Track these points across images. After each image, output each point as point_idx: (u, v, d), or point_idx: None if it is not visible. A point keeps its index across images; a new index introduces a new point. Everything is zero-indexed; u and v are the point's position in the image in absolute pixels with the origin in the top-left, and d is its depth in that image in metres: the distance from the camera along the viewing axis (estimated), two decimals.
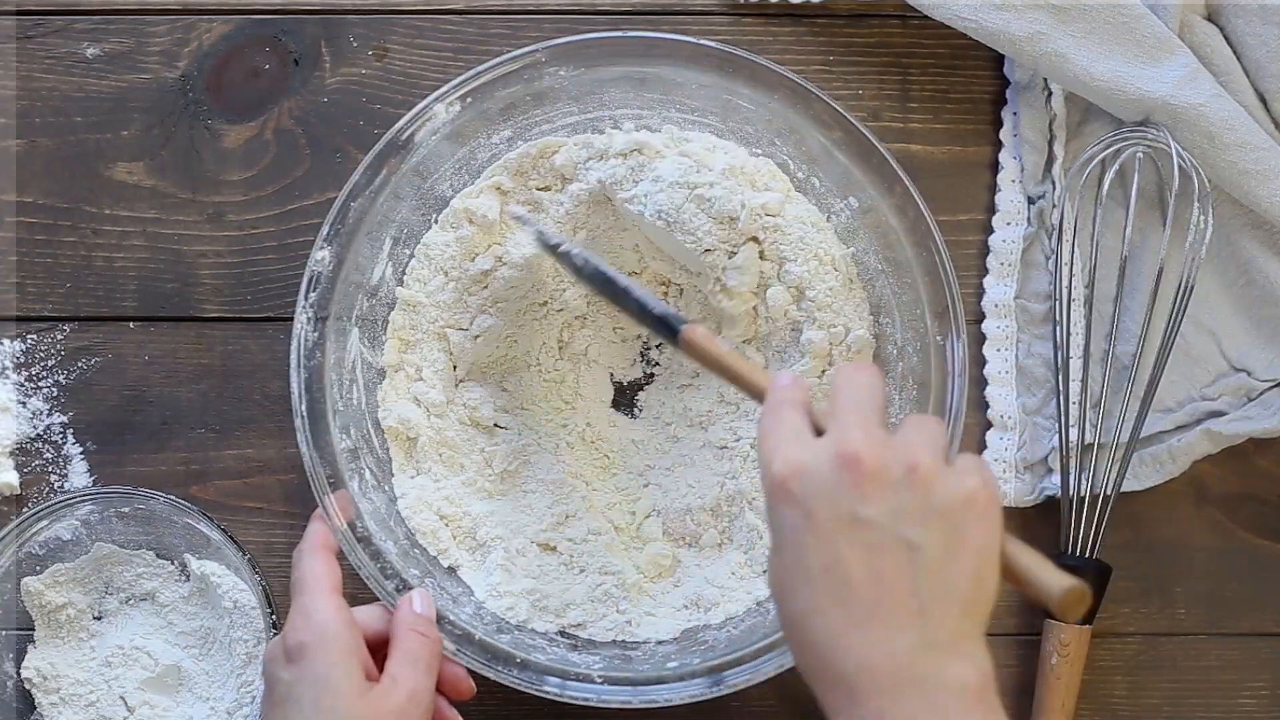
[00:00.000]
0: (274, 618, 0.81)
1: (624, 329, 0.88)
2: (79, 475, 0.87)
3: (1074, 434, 0.84)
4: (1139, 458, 0.85)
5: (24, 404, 0.87)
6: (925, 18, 0.86)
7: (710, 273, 0.82)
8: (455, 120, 0.81)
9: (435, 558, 0.82)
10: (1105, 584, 0.84)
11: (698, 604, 0.82)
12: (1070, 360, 0.85)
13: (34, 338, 0.87)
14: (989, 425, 0.87)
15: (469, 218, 0.83)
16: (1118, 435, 0.84)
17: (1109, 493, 0.84)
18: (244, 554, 0.81)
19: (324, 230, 0.80)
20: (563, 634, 0.81)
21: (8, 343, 0.87)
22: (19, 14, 0.88)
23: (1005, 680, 0.87)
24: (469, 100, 0.81)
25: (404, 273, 0.84)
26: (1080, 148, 0.87)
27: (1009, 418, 0.86)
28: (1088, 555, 0.83)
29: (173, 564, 0.87)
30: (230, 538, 0.82)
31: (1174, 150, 0.82)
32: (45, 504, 0.83)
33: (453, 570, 0.83)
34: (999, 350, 0.87)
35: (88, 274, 0.88)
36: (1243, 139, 0.82)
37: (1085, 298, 0.85)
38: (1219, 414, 0.85)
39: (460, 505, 0.83)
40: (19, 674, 0.85)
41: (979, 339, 0.87)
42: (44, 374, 0.87)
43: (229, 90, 0.88)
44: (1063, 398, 0.84)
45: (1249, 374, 0.85)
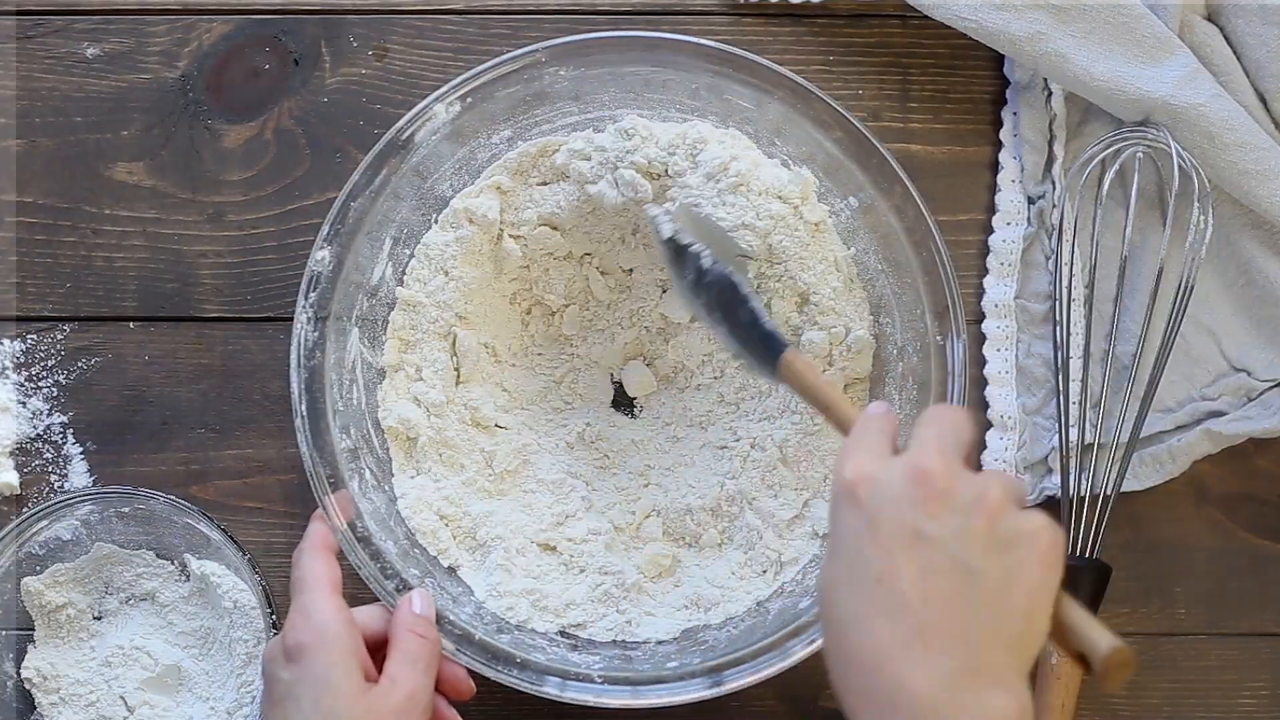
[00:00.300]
0: (274, 618, 0.81)
1: (623, 329, 0.88)
2: (79, 475, 0.87)
3: (1074, 434, 0.84)
4: (1139, 458, 0.85)
5: (24, 404, 0.87)
6: (925, 18, 0.86)
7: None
8: (455, 120, 0.81)
9: (435, 558, 0.82)
10: (1105, 584, 0.84)
11: (698, 604, 0.82)
12: (1070, 360, 0.85)
13: (34, 338, 0.87)
14: (989, 425, 0.87)
15: (469, 218, 0.83)
16: (1118, 435, 0.84)
17: (1109, 493, 0.83)
18: (244, 554, 0.81)
19: (324, 230, 0.80)
20: (563, 634, 0.81)
21: (8, 343, 0.87)
22: (19, 14, 0.88)
23: None
24: (469, 100, 0.81)
25: (404, 273, 0.84)
26: (1080, 148, 0.87)
27: (1009, 418, 0.86)
28: (1088, 555, 0.83)
29: (173, 564, 0.87)
30: (230, 538, 0.82)
31: (1174, 150, 0.82)
32: (45, 504, 0.83)
33: (453, 570, 0.83)
34: (999, 350, 0.87)
35: (88, 274, 0.88)
36: (1243, 139, 0.82)
37: (1085, 298, 0.85)
38: (1219, 414, 0.85)
39: (460, 505, 0.83)
40: (19, 674, 0.85)
41: (979, 339, 0.87)
42: (44, 374, 0.87)
43: (229, 90, 0.88)
44: (1063, 398, 0.84)
45: (1249, 374, 0.85)
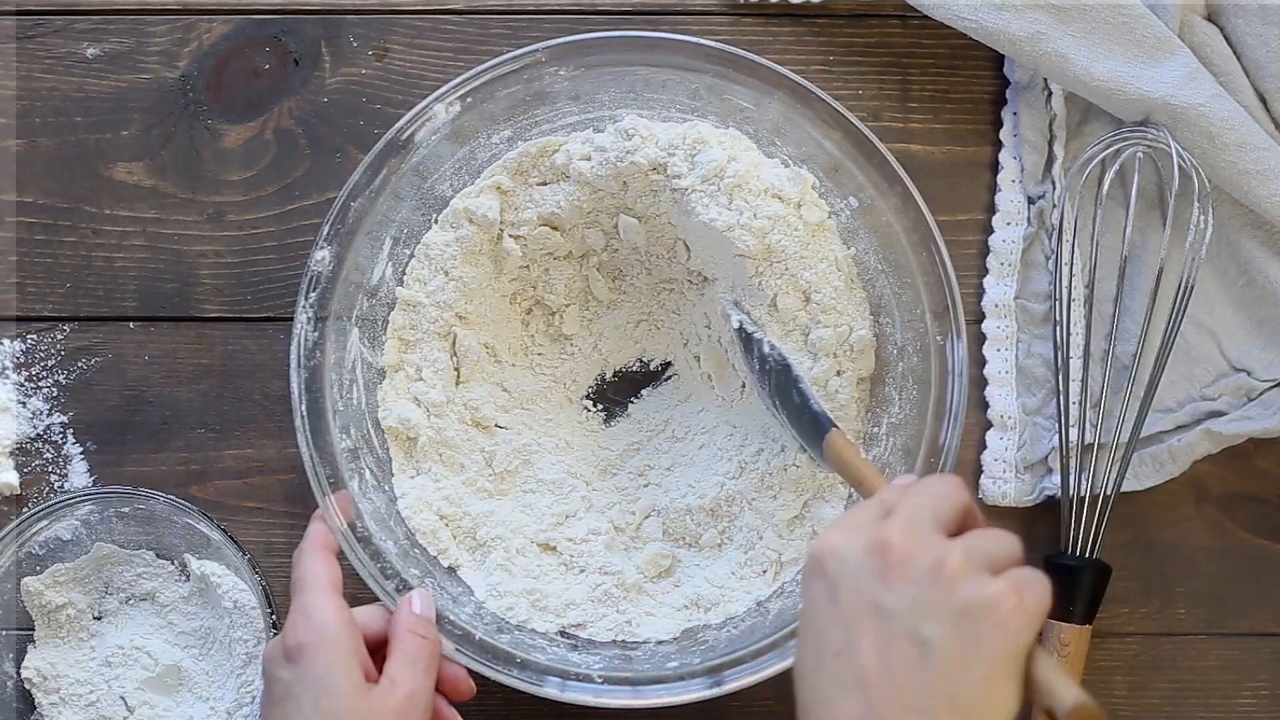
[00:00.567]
0: (274, 618, 0.81)
1: (622, 329, 0.88)
2: (79, 475, 0.87)
3: (1074, 434, 0.84)
4: (1139, 458, 0.85)
5: (24, 404, 0.87)
6: (925, 18, 0.86)
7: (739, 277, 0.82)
8: (455, 120, 0.81)
9: (435, 558, 0.82)
10: (1105, 584, 0.84)
11: (698, 604, 0.82)
12: (1070, 360, 0.85)
13: (34, 338, 0.87)
14: (989, 425, 0.87)
15: (469, 218, 0.83)
16: (1118, 435, 0.84)
17: (1109, 493, 0.83)
18: (244, 554, 0.81)
19: (324, 230, 0.80)
20: (563, 634, 0.81)
21: (8, 343, 0.87)
22: (19, 14, 0.88)
23: None
24: (469, 100, 0.81)
25: (404, 273, 0.84)
26: (1080, 148, 0.87)
27: (1009, 418, 0.86)
28: (1088, 555, 0.83)
29: (173, 564, 0.87)
30: (230, 538, 0.82)
31: (1174, 150, 0.82)
32: (45, 504, 0.83)
33: (453, 570, 0.83)
34: (999, 350, 0.87)
35: (88, 274, 0.88)
36: (1243, 139, 0.82)
37: (1085, 298, 0.85)
38: (1219, 414, 0.85)
39: (460, 505, 0.83)
40: (19, 674, 0.85)
41: (979, 339, 0.87)
42: (44, 374, 0.87)
43: (229, 90, 0.88)
44: (1063, 398, 0.84)
45: (1249, 374, 0.85)
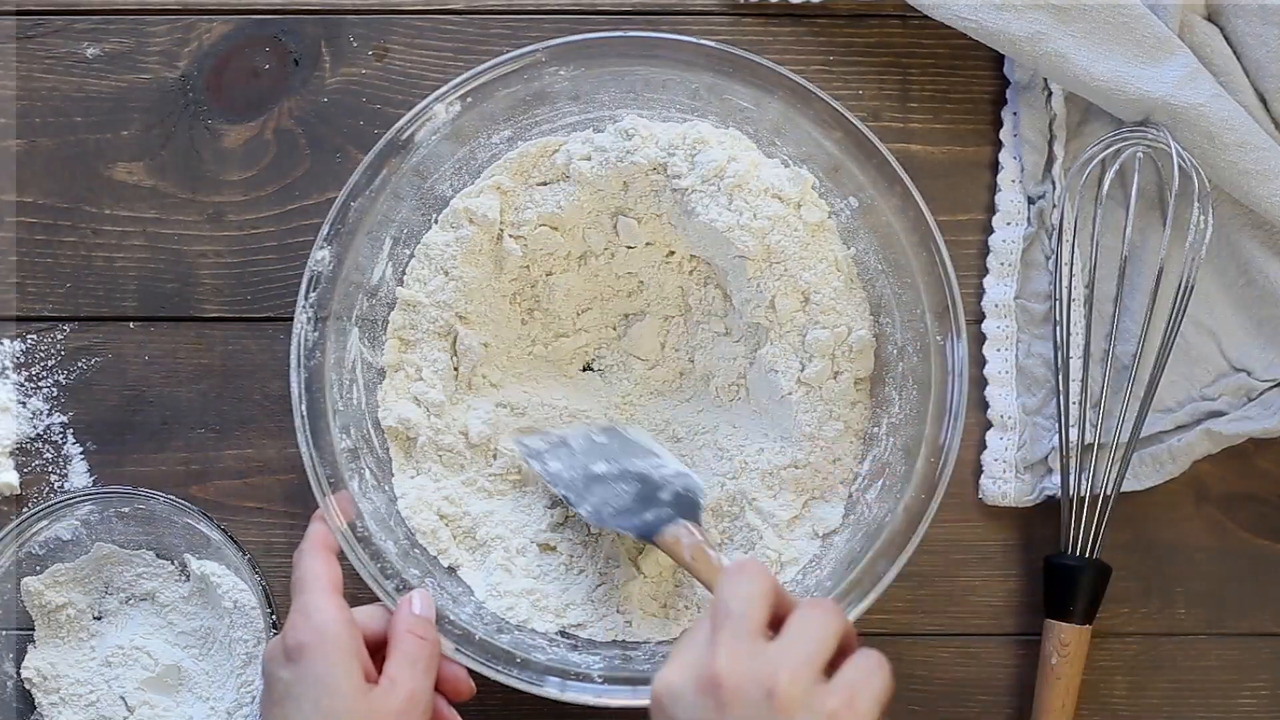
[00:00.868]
0: (274, 618, 0.81)
1: (623, 329, 0.88)
2: (79, 475, 0.87)
3: (1074, 434, 0.84)
4: (1139, 458, 0.85)
5: (24, 404, 0.87)
6: (925, 18, 0.86)
7: (738, 277, 0.82)
8: (455, 120, 0.81)
9: (435, 558, 0.82)
10: (1105, 584, 0.84)
11: (697, 604, 0.82)
12: (1070, 360, 0.85)
13: (34, 338, 0.87)
14: (989, 425, 0.87)
15: (469, 218, 0.83)
16: (1118, 435, 0.84)
17: (1109, 493, 0.83)
18: (244, 554, 0.81)
19: (324, 230, 0.80)
20: (563, 634, 0.81)
21: (8, 343, 0.87)
22: (19, 14, 0.88)
23: (1005, 680, 0.87)
24: (469, 100, 0.81)
25: (404, 273, 0.84)
26: (1080, 148, 0.87)
27: (1009, 418, 0.86)
28: (1088, 555, 0.83)
29: (173, 564, 0.87)
30: (230, 538, 0.82)
31: (1174, 150, 0.82)
32: (45, 504, 0.83)
33: (453, 570, 0.83)
34: (999, 350, 0.87)
35: (88, 274, 0.88)
36: (1243, 139, 0.82)
37: (1085, 298, 0.85)
38: (1219, 414, 0.85)
39: (460, 505, 0.83)
40: (19, 674, 0.85)
41: (979, 339, 0.87)
42: (44, 374, 0.87)
43: (229, 90, 0.88)
44: (1063, 398, 0.84)
45: (1249, 374, 0.85)
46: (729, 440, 0.85)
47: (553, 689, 0.77)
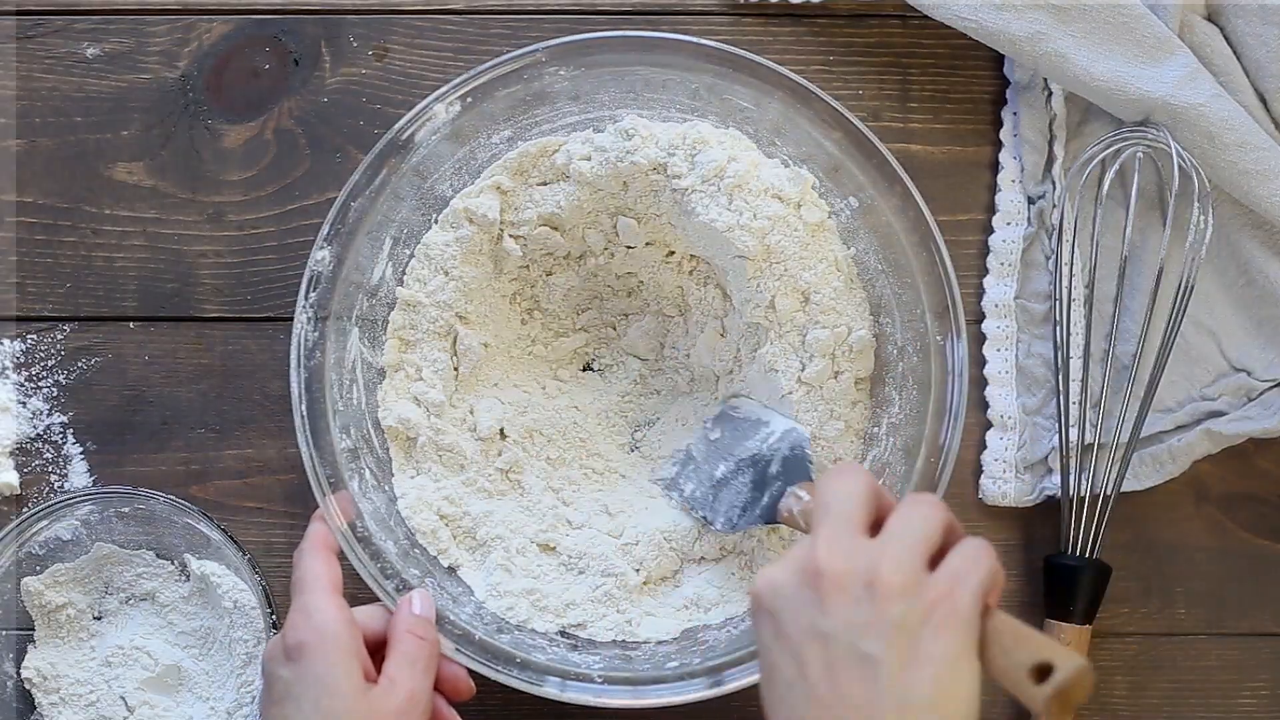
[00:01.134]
0: (274, 618, 0.81)
1: (623, 328, 0.88)
2: (79, 475, 0.87)
3: (1074, 434, 0.84)
4: (1139, 458, 0.85)
5: (24, 404, 0.87)
6: (925, 18, 0.86)
7: (735, 276, 0.82)
8: (455, 120, 0.81)
9: (435, 558, 0.82)
10: (1105, 584, 0.84)
11: (697, 604, 0.82)
12: (1070, 360, 0.85)
13: (34, 338, 0.87)
14: (989, 425, 0.87)
15: (469, 218, 0.83)
16: (1118, 435, 0.84)
17: (1109, 493, 0.83)
18: (244, 554, 0.81)
19: (324, 230, 0.80)
20: (563, 634, 0.81)
21: (8, 343, 0.87)
22: (19, 14, 0.88)
23: None
24: (469, 100, 0.81)
25: (404, 273, 0.84)
26: (1080, 148, 0.87)
27: (1009, 418, 0.86)
28: (1088, 555, 0.83)
29: (173, 564, 0.87)
30: (230, 538, 0.82)
31: (1174, 150, 0.82)
32: (45, 504, 0.83)
33: (453, 570, 0.83)
34: (999, 350, 0.87)
35: (88, 274, 0.88)
36: (1243, 139, 0.82)
37: (1085, 298, 0.85)
38: (1219, 414, 0.85)
39: (460, 505, 0.83)
40: (19, 674, 0.85)
41: (979, 339, 0.87)
42: (44, 374, 0.87)
43: (229, 90, 0.88)
44: (1063, 398, 0.84)
45: (1249, 374, 0.85)
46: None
47: (553, 689, 0.77)
